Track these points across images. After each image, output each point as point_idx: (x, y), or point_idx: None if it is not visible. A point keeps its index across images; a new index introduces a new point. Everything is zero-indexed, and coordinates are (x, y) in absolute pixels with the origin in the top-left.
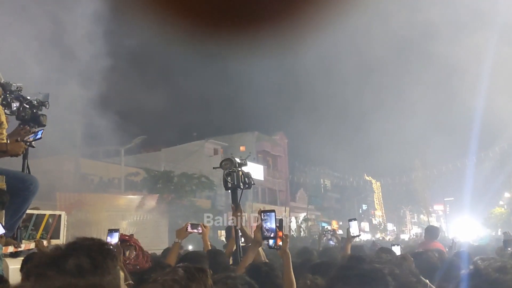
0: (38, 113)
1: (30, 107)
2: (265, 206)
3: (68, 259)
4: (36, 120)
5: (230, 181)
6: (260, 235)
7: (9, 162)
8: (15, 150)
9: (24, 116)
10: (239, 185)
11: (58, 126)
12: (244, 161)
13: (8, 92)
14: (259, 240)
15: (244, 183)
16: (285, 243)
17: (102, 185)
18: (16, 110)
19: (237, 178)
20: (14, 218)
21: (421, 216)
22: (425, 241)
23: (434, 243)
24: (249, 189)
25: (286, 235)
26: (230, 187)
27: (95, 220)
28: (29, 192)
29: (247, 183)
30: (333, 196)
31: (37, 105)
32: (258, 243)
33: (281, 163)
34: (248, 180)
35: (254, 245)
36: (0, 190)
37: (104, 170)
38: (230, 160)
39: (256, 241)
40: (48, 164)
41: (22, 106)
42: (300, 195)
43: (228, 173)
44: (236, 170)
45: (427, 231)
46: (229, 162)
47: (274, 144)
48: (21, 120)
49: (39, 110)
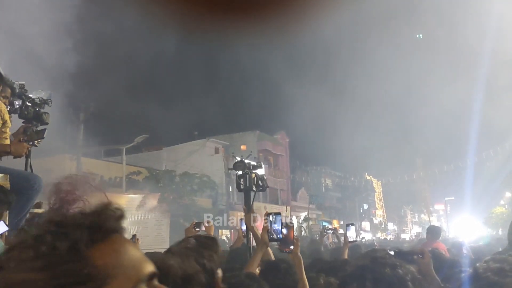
0: (41, 111)
1: (33, 105)
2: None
3: None
4: (39, 118)
5: (242, 183)
6: (267, 237)
7: (12, 161)
8: (19, 151)
9: (26, 115)
10: (251, 187)
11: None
12: (259, 163)
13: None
14: (266, 242)
15: (257, 186)
16: (297, 247)
17: (104, 184)
18: (19, 108)
19: (249, 180)
20: (18, 217)
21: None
22: (428, 241)
23: (437, 243)
24: (263, 191)
25: (297, 238)
26: (243, 189)
27: None
28: (34, 191)
29: (261, 186)
30: (334, 196)
31: (39, 103)
32: (265, 245)
33: (282, 162)
34: (262, 183)
35: (261, 246)
36: (6, 190)
37: (105, 169)
38: (243, 162)
39: (263, 242)
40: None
41: (24, 105)
42: (301, 194)
43: (241, 175)
44: (249, 172)
45: (429, 231)
46: (242, 164)
47: (276, 143)
48: (24, 119)
49: (42, 108)
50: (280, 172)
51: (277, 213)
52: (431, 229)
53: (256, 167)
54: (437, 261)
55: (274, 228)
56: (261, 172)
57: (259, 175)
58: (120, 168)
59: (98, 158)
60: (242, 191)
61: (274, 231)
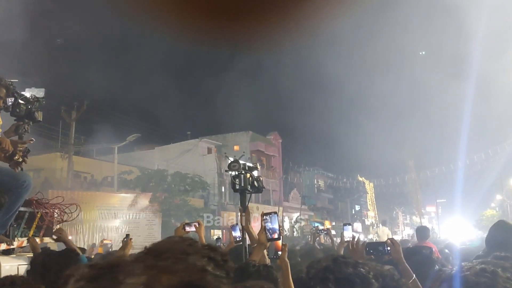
0: (33, 109)
1: (26, 103)
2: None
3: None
4: (31, 116)
5: (237, 183)
6: (265, 237)
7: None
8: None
9: (18, 112)
10: (246, 188)
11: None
12: (255, 164)
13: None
14: (264, 242)
15: (252, 187)
16: (284, 252)
17: (95, 183)
18: (11, 106)
19: (244, 180)
20: (7, 215)
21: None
22: (418, 242)
23: (426, 243)
24: (260, 193)
25: (285, 244)
26: (238, 189)
27: (87, 218)
28: (23, 190)
29: (257, 187)
30: (326, 197)
31: (32, 101)
32: (263, 245)
33: (274, 163)
34: (258, 184)
35: (259, 247)
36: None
37: (97, 168)
38: (238, 162)
39: (261, 243)
40: (41, 161)
41: (17, 102)
42: (293, 195)
43: (236, 175)
44: (244, 173)
45: (417, 231)
46: (237, 164)
47: (268, 144)
48: (16, 116)
49: (35, 106)
50: (273, 173)
51: (273, 212)
52: (419, 229)
53: (252, 168)
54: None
55: (270, 228)
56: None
57: (255, 176)
58: (112, 167)
59: (90, 157)
60: (237, 191)
61: (271, 231)
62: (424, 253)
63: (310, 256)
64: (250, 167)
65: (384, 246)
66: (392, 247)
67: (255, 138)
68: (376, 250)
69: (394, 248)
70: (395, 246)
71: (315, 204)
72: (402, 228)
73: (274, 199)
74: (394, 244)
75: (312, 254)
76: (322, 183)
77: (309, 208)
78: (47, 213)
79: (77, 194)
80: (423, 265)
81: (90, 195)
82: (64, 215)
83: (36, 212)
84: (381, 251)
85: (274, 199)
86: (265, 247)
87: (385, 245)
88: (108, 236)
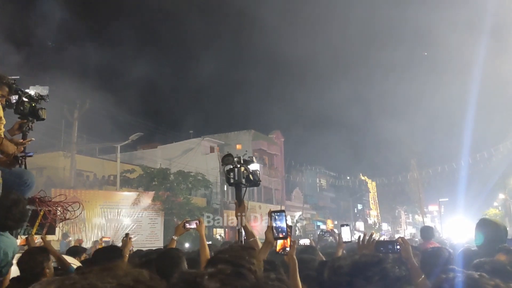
0: (37, 106)
1: (30, 101)
2: (260, 204)
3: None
4: (35, 114)
5: (232, 177)
6: (272, 235)
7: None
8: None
9: (22, 110)
10: (240, 181)
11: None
12: (251, 158)
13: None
14: (271, 241)
15: (247, 180)
16: (293, 249)
17: (98, 181)
18: (15, 104)
19: (238, 174)
20: None
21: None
22: (424, 242)
23: (431, 243)
24: (256, 186)
25: (294, 241)
26: (233, 183)
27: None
28: (26, 187)
29: (252, 181)
30: (328, 196)
31: (36, 98)
32: (270, 244)
33: (277, 161)
34: (254, 178)
35: (266, 246)
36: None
37: (99, 166)
38: (231, 155)
39: (268, 242)
40: (43, 160)
41: (21, 100)
42: (295, 194)
43: (230, 169)
44: (239, 166)
45: (422, 231)
46: (230, 158)
47: (271, 143)
48: (20, 114)
49: (39, 103)
50: (275, 172)
51: (281, 210)
52: (424, 229)
53: (248, 162)
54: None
55: (278, 226)
56: (254, 168)
57: (251, 170)
58: (115, 166)
59: (92, 156)
60: (232, 185)
61: (279, 229)
62: (444, 256)
63: (309, 254)
64: (246, 160)
65: (394, 245)
66: (402, 246)
67: (257, 137)
68: (386, 248)
69: (404, 246)
70: (405, 245)
71: (317, 203)
72: (404, 227)
73: (276, 198)
74: (405, 243)
75: (311, 252)
76: (324, 182)
77: (311, 207)
78: (50, 211)
79: (79, 192)
80: (444, 267)
81: (92, 193)
82: (67, 213)
83: (39, 210)
84: (391, 249)
85: (276, 198)
86: (272, 246)
87: (395, 243)
88: (110, 235)
